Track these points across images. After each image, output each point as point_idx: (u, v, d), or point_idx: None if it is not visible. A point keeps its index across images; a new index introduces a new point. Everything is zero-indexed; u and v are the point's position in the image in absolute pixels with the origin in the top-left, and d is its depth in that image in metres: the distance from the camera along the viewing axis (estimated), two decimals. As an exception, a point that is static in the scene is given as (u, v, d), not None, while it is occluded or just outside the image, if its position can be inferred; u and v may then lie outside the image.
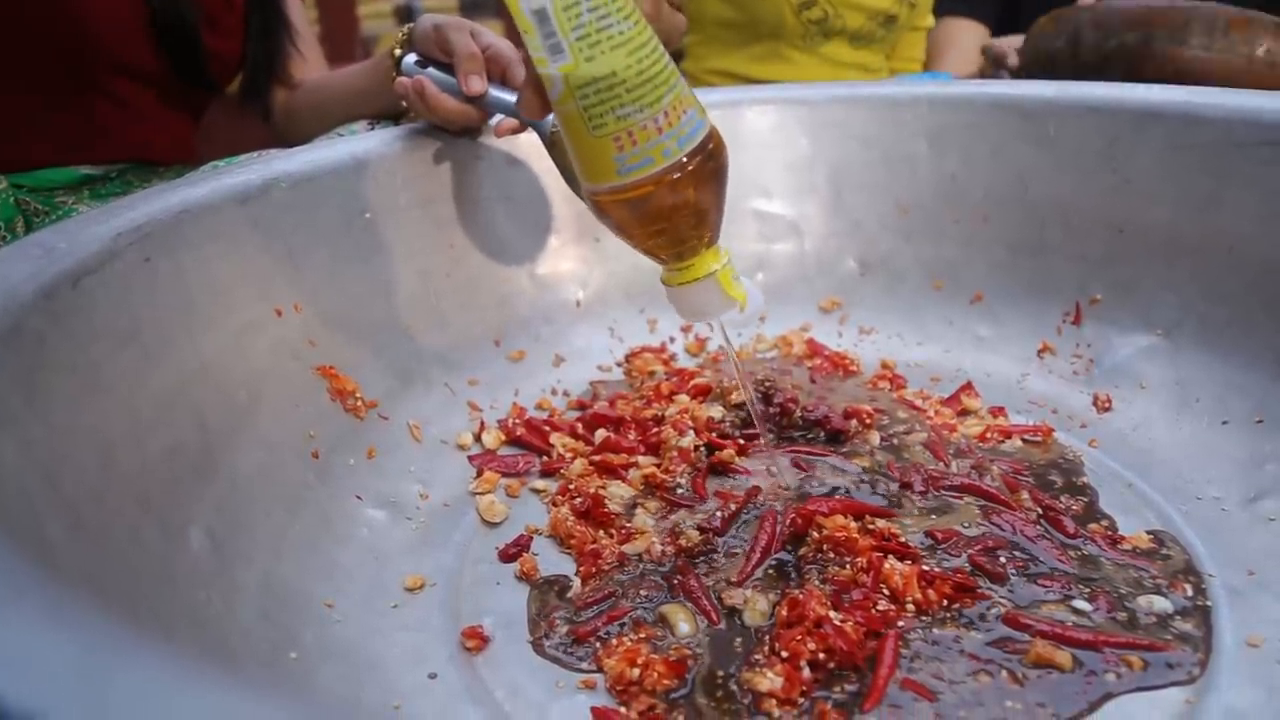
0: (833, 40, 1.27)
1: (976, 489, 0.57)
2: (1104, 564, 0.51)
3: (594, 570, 0.53)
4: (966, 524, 0.53)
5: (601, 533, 0.56)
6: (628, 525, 0.56)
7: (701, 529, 0.54)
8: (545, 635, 0.49)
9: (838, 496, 0.55)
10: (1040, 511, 0.56)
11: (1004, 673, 0.44)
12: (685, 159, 0.43)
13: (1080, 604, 0.48)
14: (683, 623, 0.48)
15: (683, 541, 0.53)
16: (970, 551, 0.51)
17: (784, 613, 0.46)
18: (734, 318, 0.52)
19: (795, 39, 1.27)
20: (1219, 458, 0.60)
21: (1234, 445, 0.60)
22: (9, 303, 0.39)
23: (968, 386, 0.71)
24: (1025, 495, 0.57)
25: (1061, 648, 0.45)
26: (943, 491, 0.57)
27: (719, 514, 0.55)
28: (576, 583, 0.53)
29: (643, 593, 0.51)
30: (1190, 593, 0.49)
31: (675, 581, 0.51)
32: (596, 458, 0.63)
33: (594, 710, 0.44)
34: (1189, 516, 0.56)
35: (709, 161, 0.44)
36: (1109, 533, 0.54)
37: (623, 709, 0.44)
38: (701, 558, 0.53)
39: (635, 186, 0.42)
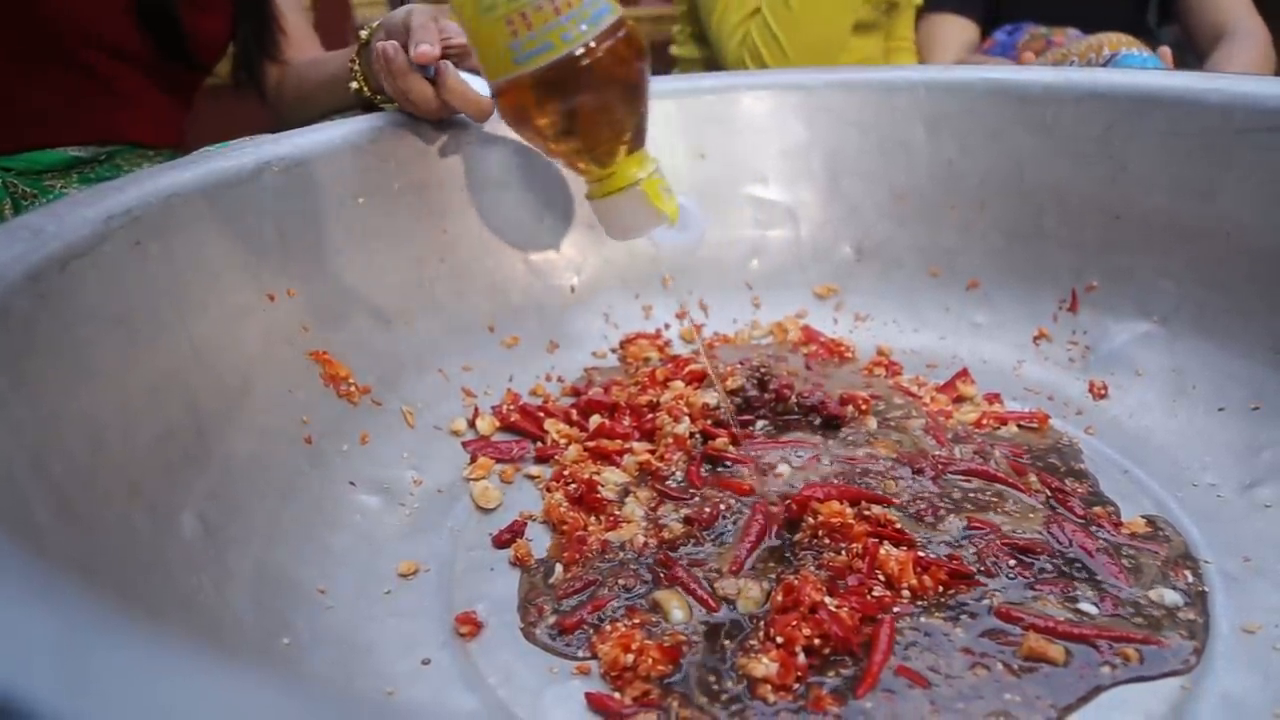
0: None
1: (985, 473, 0.56)
2: (1145, 568, 0.50)
3: (577, 556, 0.53)
4: (1022, 530, 0.52)
5: (594, 519, 0.56)
6: (617, 514, 0.56)
7: (689, 520, 0.54)
8: (534, 622, 0.49)
9: (835, 482, 0.55)
10: (1049, 493, 0.56)
11: (1000, 665, 0.44)
12: (592, 44, 0.40)
13: (1086, 606, 0.47)
14: (676, 610, 0.48)
15: (665, 534, 0.53)
16: (992, 540, 0.50)
17: (779, 598, 0.46)
18: (674, 240, 0.49)
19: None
20: (1215, 445, 0.59)
21: (1230, 432, 0.60)
22: (-4, 285, 0.39)
23: (963, 373, 0.71)
24: (1033, 478, 0.57)
25: (1054, 641, 0.44)
26: (952, 476, 0.56)
27: (708, 508, 0.55)
28: (559, 568, 0.52)
29: (620, 582, 0.50)
30: (1190, 579, 0.49)
31: (660, 574, 0.51)
32: (591, 444, 0.62)
33: (589, 695, 0.44)
34: (1185, 503, 0.56)
35: (619, 50, 0.41)
36: (1114, 518, 0.54)
37: (617, 694, 0.44)
38: (686, 548, 0.52)
39: (535, 76, 0.40)
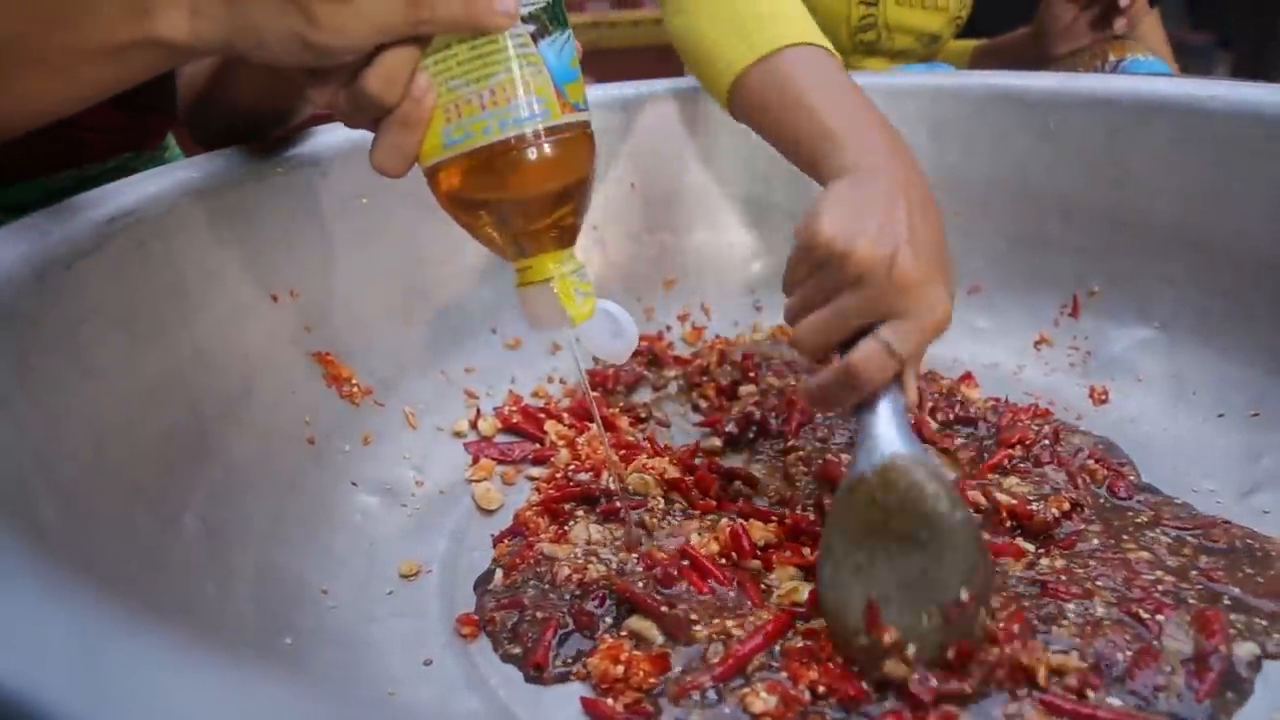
0: (873, 58, 1.27)
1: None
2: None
3: (519, 563, 0.52)
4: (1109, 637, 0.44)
5: (554, 527, 0.55)
6: (567, 529, 0.54)
7: (649, 567, 0.50)
8: (495, 634, 0.48)
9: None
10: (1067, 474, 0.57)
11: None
12: (512, 140, 0.41)
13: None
14: (659, 636, 0.46)
15: (589, 573, 0.50)
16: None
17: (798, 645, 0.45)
18: (603, 348, 0.49)
19: (842, 54, 1.25)
20: (1215, 451, 0.60)
21: (1230, 438, 0.60)
22: (1, 284, 0.39)
23: (966, 377, 0.71)
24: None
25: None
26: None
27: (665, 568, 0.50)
28: (499, 573, 0.52)
29: (539, 614, 0.48)
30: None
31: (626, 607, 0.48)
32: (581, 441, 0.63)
33: (583, 700, 0.44)
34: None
35: (546, 152, 0.42)
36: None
37: (610, 700, 0.44)
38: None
39: (458, 161, 0.42)
